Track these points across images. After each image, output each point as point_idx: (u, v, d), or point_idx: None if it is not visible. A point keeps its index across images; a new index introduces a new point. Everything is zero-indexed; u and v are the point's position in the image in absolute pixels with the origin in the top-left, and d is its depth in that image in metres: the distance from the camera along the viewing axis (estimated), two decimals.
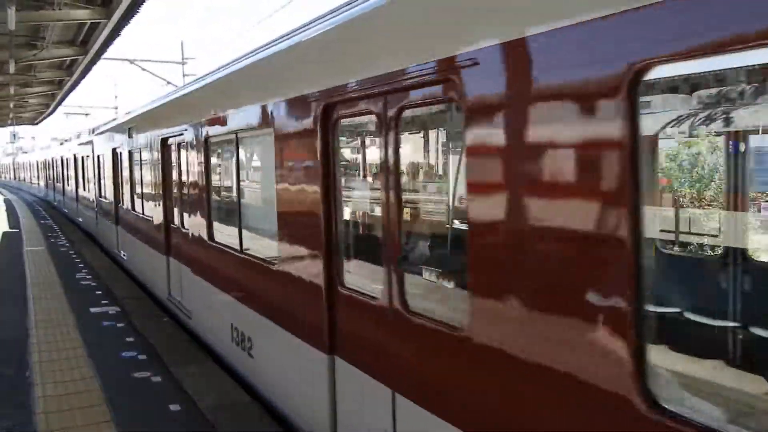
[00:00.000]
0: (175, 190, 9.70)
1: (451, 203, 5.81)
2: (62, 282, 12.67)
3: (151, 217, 11.04)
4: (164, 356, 7.75)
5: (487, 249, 3.04)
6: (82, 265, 14.82)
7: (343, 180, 4.78)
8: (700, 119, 4.64)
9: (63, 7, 14.63)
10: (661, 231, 5.82)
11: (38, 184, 45.23)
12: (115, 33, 16.43)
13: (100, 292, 11.66)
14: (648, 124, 3.87)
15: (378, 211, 4.54)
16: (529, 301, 2.79)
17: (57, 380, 6.94)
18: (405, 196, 4.05)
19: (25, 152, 67.77)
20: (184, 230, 8.97)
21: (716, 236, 5.69)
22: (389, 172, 3.94)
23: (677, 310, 4.51)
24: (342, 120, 4.57)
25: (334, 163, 4.56)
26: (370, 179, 7.16)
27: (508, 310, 2.89)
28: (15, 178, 70.27)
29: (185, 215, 8.97)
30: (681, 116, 4.60)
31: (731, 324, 4.46)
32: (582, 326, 2.53)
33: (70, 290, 11.86)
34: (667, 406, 2.29)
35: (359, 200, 6.66)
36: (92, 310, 10.26)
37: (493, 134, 2.98)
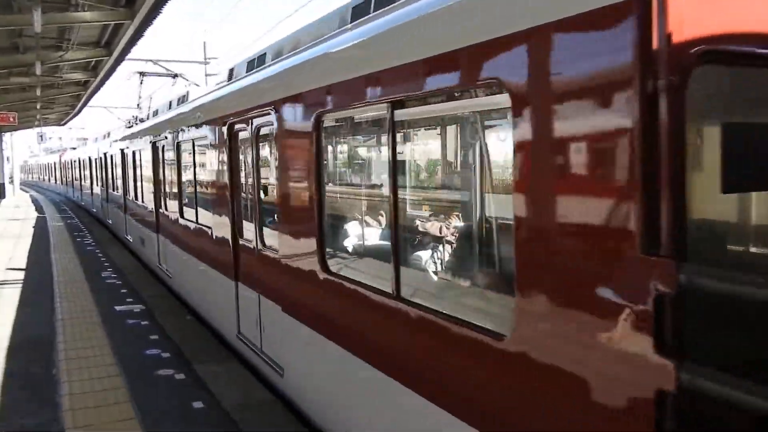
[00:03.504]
0: (248, 192, 7.37)
1: None
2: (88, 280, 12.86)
3: (211, 229, 8.56)
4: (187, 354, 7.81)
5: None
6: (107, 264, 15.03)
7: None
8: None
9: (87, 8, 14.83)
10: None
11: (91, 191, 27.83)
12: (138, 34, 16.61)
13: (125, 291, 11.83)
14: None
15: None
16: None
17: (83, 378, 7.03)
18: None
19: (74, 148, 47.22)
20: (264, 250, 6.65)
21: None
22: None
23: None
24: None
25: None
26: None
27: None
28: (62, 182, 48.46)
29: (264, 229, 6.79)
30: None
31: None
32: None
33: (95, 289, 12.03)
34: None
35: None
36: (117, 308, 10.40)
37: None
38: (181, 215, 10.60)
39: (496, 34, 3.10)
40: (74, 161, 37.25)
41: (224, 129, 7.65)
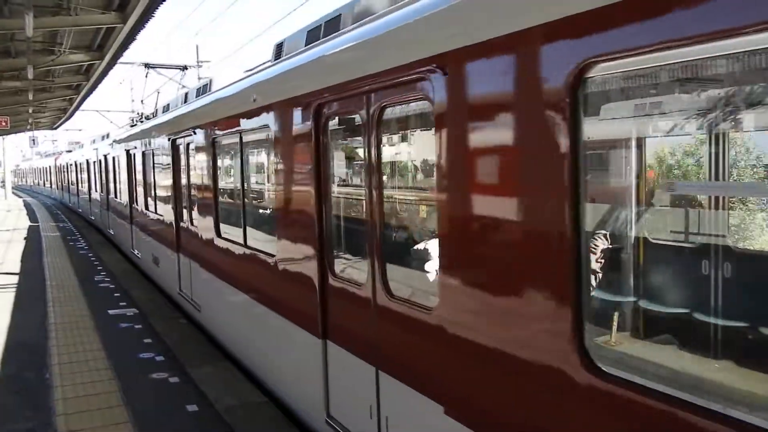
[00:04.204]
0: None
1: None
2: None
3: (274, 257, 6.05)
4: (181, 357, 7.81)
5: None
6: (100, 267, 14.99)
7: None
8: None
9: (79, 12, 14.78)
10: None
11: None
12: (130, 37, 16.55)
13: (118, 294, 11.80)
14: None
15: None
16: None
17: (76, 382, 7.02)
18: None
19: (69, 151, 42.62)
20: (391, 302, 4.14)
21: None
22: None
23: None
24: None
25: None
26: None
27: None
28: (58, 187, 45.34)
29: (392, 268, 4.32)
30: None
31: None
32: None
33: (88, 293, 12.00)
34: None
35: None
36: (110, 311, 10.38)
37: None
38: (218, 234, 7.96)
39: None
40: (70, 165, 34.40)
41: (306, 114, 5.09)
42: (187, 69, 19.68)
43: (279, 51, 6.81)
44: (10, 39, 17.04)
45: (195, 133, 8.89)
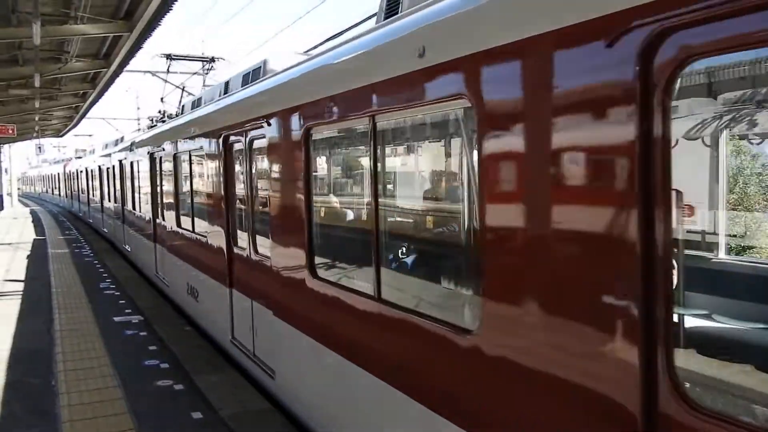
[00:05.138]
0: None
1: None
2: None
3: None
4: (186, 364, 7.82)
5: None
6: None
7: None
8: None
9: (86, 21, 14.91)
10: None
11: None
12: (137, 45, 16.68)
13: (123, 302, 11.82)
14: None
15: None
16: None
17: (81, 389, 7.04)
18: None
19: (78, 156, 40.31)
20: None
21: None
22: None
23: None
24: None
25: None
26: None
27: None
28: (66, 195, 43.08)
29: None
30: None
31: None
32: None
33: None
34: None
35: None
36: (115, 318, 10.41)
37: None
38: (312, 273, 5.33)
39: None
40: (80, 171, 31.43)
41: (618, 60, 2.38)
42: (214, 61, 19.20)
43: (392, 7, 4.78)
44: (17, 47, 17.20)
45: (269, 124, 6.26)
